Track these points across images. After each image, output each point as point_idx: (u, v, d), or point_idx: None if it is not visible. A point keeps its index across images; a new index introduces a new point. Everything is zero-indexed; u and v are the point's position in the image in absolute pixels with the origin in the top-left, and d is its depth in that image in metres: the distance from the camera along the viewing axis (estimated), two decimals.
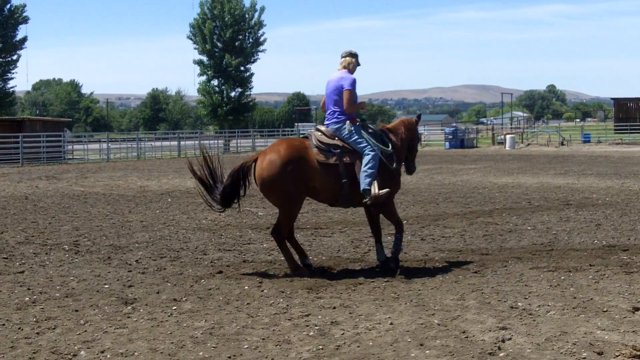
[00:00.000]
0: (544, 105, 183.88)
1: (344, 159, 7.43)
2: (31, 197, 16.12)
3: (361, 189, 7.42)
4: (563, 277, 6.94)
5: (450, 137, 45.47)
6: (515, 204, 13.31)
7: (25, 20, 52.78)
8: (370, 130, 7.71)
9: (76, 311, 5.99)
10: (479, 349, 4.82)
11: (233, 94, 56.35)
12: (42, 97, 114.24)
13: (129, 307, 6.08)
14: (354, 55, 7.85)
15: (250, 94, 58.33)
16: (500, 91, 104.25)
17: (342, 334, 5.25)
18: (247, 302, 6.21)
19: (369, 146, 7.58)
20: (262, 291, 6.60)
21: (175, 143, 43.32)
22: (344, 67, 7.77)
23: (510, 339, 5.02)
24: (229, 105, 55.64)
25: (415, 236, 9.67)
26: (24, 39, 52.93)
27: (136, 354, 4.89)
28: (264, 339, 5.16)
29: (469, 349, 4.82)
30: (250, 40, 55.82)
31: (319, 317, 5.69)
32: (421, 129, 71.34)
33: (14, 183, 20.63)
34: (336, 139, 7.52)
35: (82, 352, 4.93)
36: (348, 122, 7.57)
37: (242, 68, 55.78)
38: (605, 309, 5.72)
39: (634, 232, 9.74)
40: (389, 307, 5.96)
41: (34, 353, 4.94)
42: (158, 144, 45.91)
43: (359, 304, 6.08)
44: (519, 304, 5.95)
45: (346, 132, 7.53)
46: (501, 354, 4.72)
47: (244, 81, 56.35)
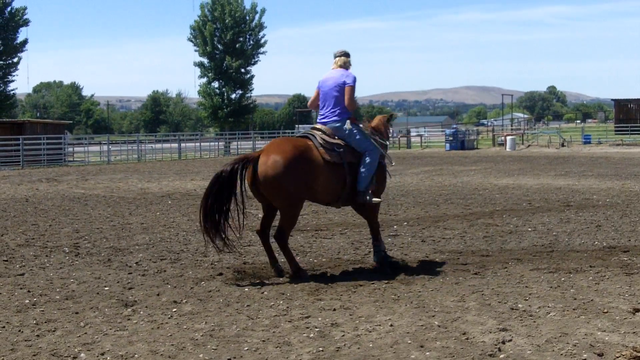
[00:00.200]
0: (544, 107, 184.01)
1: (347, 158, 7.44)
2: (31, 200, 16.13)
3: (359, 189, 7.42)
4: (563, 279, 6.93)
5: (451, 138, 45.50)
6: (516, 205, 13.30)
7: (26, 23, 52.83)
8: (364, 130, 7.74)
9: (76, 313, 5.99)
10: (479, 350, 4.82)
11: (234, 96, 56.42)
12: (43, 100, 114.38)
13: (129, 309, 6.08)
14: (348, 55, 7.86)
15: (250, 96, 58.43)
16: (500, 92, 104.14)
17: (342, 335, 5.24)
18: (247, 304, 6.21)
19: (370, 145, 7.58)
20: (262, 293, 6.60)
21: (175, 145, 43.38)
22: (340, 66, 7.75)
23: (510, 340, 5.01)
24: (230, 107, 55.70)
25: (415, 238, 9.67)
26: (25, 42, 53.00)
27: (136, 356, 4.89)
28: (264, 340, 5.15)
29: (469, 351, 4.82)
30: (251, 42, 55.89)
31: (319, 318, 5.69)
32: (422, 130, 71.59)
33: (14, 185, 20.64)
34: (336, 137, 7.51)
35: (82, 355, 4.93)
36: (348, 120, 7.57)
37: (242, 70, 55.85)
38: (605, 310, 5.72)
39: (634, 233, 9.74)
40: (389, 308, 5.96)
41: (34, 355, 4.94)
42: (159, 146, 46.04)
43: (359, 305, 6.07)
44: (519, 305, 5.95)
45: (347, 131, 7.52)
46: (501, 356, 4.71)
47: (245, 83, 56.42)
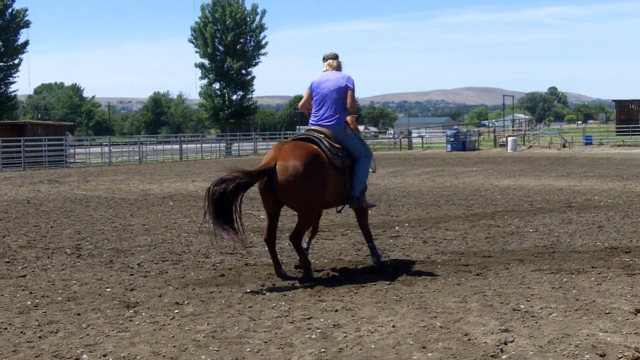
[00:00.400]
0: (545, 108, 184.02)
1: (347, 162, 7.48)
2: (33, 201, 16.14)
3: (354, 194, 7.50)
4: (565, 279, 6.93)
5: (452, 139, 45.54)
6: (517, 206, 13.30)
7: (27, 25, 52.90)
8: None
9: (78, 315, 5.99)
10: (481, 351, 4.82)
11: (235, 97, 56.46)
12: (44, 101, 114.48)
13: (131, 311, 6.08)
14: (338, 58, 7.86)
15: (251, 97, 58.47)
16: (501, 93, 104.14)
17: (345, 336, 5.24)
18: (249, 305, 6.21)
19: (366, 150, 7.66)
20: (264, 294, 6.60)
21: (177, 146, 43.42)
22: (334, 69, 7.75)
23: (512, 341, 5.01)
24: (231, 109, 55.72)
25: (417, 239, 9.67)
26: (26, 43, 53.07)
27: (138, 357, 4.89)
28: (266, 342, 5.15)
29: (471, 352, 4.82)
30: (252, 43, 55.94)
31: (321, 320, 5.69)
32: (423, 131, 71.57)
33: (16, 187, 20.66)
34: (336, 141, 7.52)
35: (85, 356, 4.93)
36: (348, 124, 7.61)
37: (243, 71, 55.90)
38: (607, 311, 5.71)
39: (636, 234, 9.73)
40: (391, 309, 5.96)
41: (36, 357, 4.94)
42: (160, 147, 46.05)
43: (361, 306, 6.07)
44: (521, 306, 5.94)
45: (346, 135, 7.54)
46: (503, 357, 4.71)
47: (246, 84, 56.46)
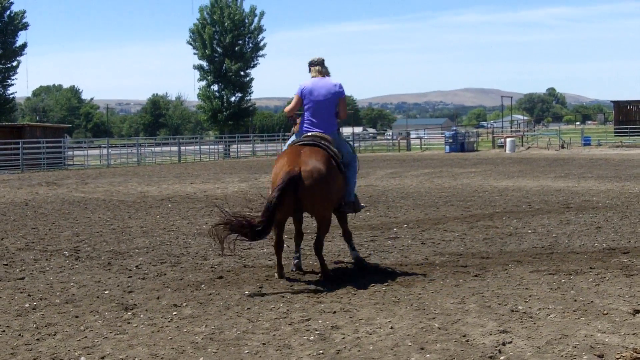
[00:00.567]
0: (544, 108, 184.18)
1: (344, 167, 7.58)
2: (31, 203, 16.12)
3: (349, 199, 7.61)
4: (563, 280, 6.93)
5: (451, 140, 45.58)
6: (516, 207, 13.31)
7: (25, 27, 52.97)
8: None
9: (76, 317, 5.99)
10: (479, 352, 4.82)
11: (233, 99, 56.43)
12: (42, 103, 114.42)
13: (129, 313, 6.08)
14: (324, 62, 7.90)
15: (250, 99, 58.41)
16: (500, 94, 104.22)
17: (343, 338, 5.24)
18: (247, 307, 6.21)
19: (354, 156, 7.80)
20: (263, 296, 6.60)
21: (175, 148, 43.37)
22: (323, 75, 7.78)
23: (510, 342, 5.01)
24: (229, 110, 55.70)
25: (415, 240, 9.67)
26: (24, 45, 53.13)
27: (136, 359, 4.89)
28: (264, 343, 5.15)
29: (470, 353, 4.82)
30: (250, 45, 55.92)
31: (320, 321, 5.68)
32: (421, 132, 71.60)
33: (14, 189, 20.64)
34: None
35: (83, 358, 4.92)
36: (339, 130, 7.79)
37: (242, 73, 55.88)
38: (605, 312, 5.71)
39: (634, 234, 9.74)
40: (389, 311, 5.96)
41: (34, 359, 4.94)
42: (158, 149, 46.00)
43: (360, 308, 6.07)
44: (519, 307, 5.95)
45: (341, 141, 7.75)
46: (502, 358, 4.71)
47: (244, 86, 56.44)
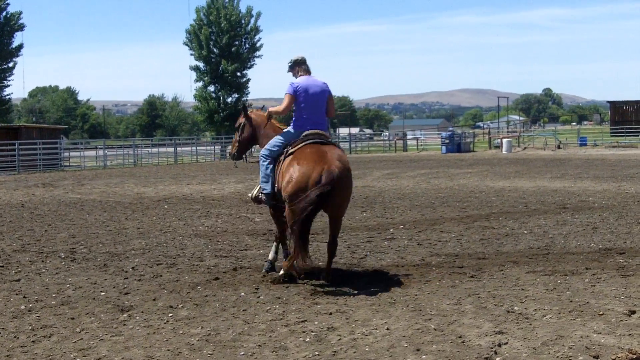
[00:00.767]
0: (540, 109, 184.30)
1: None
2: (27, 205, 16.10)
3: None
4: (559, 281, 6.94)
5: (447, 141, 45.59)
6: (512, 207, 13.32)
7: (21, 28, 52.82)
8: None
9: (72, 319, 5.98)
10: (475, 353, 4.82)
11: (230, 99, 56.33)
12: (39, 105, 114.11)
13: (125, 315, 6.07)
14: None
15: (247, 100, 58.34)
16: (496, 95, 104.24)
17: (339, 339, 5.24)
18: (243, 308, 6.20)
19: None
20: (259, 297, 6.60)
21: (172, 149, 43.32)
22: (308, 73, 7.80)
23: (506, 343, 5.02)
24: (226, 111, 55.59)
25: (412, 241, 9.68)
26: (20, 46, 52.99)
27: None
28: (260, 345, 5.15)
29: (466, 354, 4.82)
30: (247, 45, 55.82)
31: (316, 323, 5.68)
32: (418, 133, 71.63)
33: (10, 191, 20.60)
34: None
35: None
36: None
37: (238, 74, 55.78)
38: (601, 313, 5.72)
39: (630, 235, 9.75)
40: (385, 312, 5.96)
41: None
42: (155, 150, 45.91)
43: (356, 309, 6.07)
44: (515, 308, 5.95)
45: (334, 139, 7.84)
46: (497, 359, 4.72)
47: (241, 87, 56.35)
